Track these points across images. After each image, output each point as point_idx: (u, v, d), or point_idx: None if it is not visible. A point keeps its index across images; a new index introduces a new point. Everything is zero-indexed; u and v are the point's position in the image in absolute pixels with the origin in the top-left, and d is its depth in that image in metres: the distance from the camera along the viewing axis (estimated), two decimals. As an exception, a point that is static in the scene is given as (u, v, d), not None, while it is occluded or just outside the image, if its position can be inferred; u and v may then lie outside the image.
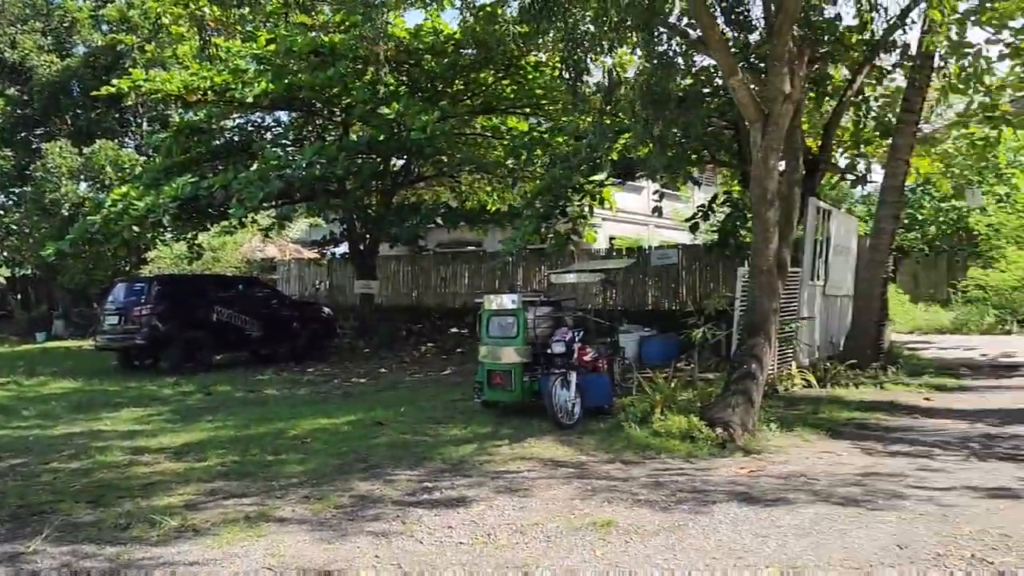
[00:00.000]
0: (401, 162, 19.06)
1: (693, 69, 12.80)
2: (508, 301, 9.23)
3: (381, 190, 18.89)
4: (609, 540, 4.96)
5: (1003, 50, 13.77)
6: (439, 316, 20.18)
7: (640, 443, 7.58)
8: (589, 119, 13.90)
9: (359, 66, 15.91)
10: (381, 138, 15.39)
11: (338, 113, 18.22)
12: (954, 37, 13.21)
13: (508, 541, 5.02)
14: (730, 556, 4.65)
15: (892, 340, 14.27)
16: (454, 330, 18.80)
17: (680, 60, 12.44)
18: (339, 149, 15.64)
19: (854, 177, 15.85)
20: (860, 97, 14.02)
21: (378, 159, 17.33)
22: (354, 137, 17.36)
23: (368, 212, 18.86)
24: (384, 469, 6.96)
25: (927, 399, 10.39)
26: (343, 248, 21.25)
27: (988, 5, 13.24)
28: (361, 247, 19.41)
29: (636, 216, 26.01)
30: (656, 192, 15.60)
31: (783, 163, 10.32)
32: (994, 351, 15.27)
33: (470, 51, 16.37)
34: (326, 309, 18.98)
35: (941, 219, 24.84)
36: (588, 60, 10.74)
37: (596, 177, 14.42)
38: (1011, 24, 13.44)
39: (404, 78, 17.22)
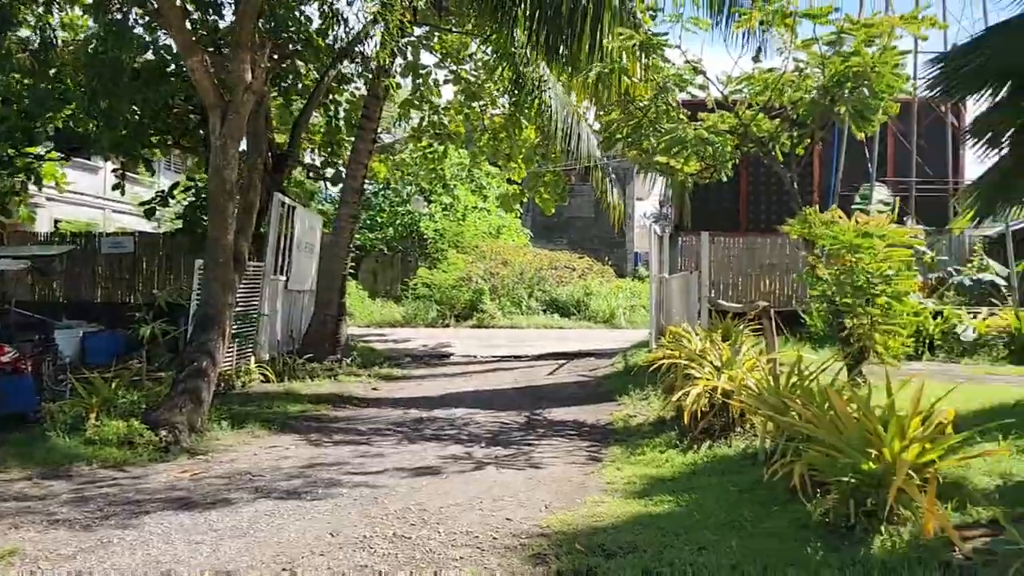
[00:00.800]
0: None
1: (157, 43, 11.91)
2: None
3: None
4: (9, 574, 4.19)
5: (448, 76, 15.77)
6: None
7: (67, 453, 6.67)
8: (27, 81, 11.95)
9: None
10: None
11: None
12: (410, 57, 14.70)
13: None
14: (158, 570, 4.29)
15: (350, 334, 15.12)
16: None
17: (141, 31, 11.50)
18: None
19: (328, 175, 16.42)
20: (329, 99, 14.60)
21: None
22: None
23: None
24: None
25: (375, 389, 11.22)
26: None
27: (437, 35, 15.02)
28: None
29: (90, 198, 23.38)
30: (115, 170, 14.13)
31: (248, 154, 10.16)
32: (434, 342, 17.26)
33: None
34: None
35: (398, 222, 27.43)
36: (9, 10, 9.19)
37: (33, 150, 12.44)
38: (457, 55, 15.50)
39: None
